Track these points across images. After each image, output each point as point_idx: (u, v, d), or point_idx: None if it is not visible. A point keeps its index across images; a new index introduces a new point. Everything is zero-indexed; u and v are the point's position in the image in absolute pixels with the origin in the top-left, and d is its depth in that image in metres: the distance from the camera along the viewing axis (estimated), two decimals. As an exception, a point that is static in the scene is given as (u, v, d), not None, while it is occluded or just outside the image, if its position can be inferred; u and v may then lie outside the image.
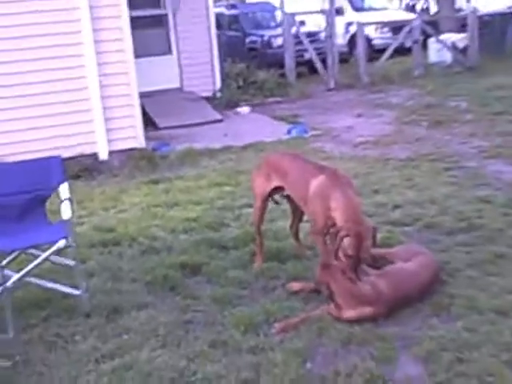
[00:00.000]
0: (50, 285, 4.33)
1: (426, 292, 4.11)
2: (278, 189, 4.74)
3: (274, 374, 3.34)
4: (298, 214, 4.96)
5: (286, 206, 5.22)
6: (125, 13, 8.39)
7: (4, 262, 4.05)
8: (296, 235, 5.03)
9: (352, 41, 16.69)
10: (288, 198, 4.91)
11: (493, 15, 16.64)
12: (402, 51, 15.27)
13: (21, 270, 4.15)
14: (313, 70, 14.92)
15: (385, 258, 4.35)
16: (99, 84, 8.32)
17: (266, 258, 4.83)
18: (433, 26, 15.16)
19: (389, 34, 17.09)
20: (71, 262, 4.34)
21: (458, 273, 4.44)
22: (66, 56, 8.19)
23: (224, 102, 12.19)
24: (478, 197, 6.02)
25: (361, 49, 14.09)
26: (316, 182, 4.25)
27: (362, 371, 3.34)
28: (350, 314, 3.84)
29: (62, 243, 4.10)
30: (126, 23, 8.41)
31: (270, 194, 4.81)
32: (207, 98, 12.17)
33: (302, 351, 3.58)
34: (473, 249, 4.82)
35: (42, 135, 8.06)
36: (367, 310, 3.84)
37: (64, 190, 4.48)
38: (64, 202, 4.36)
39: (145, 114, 9.70)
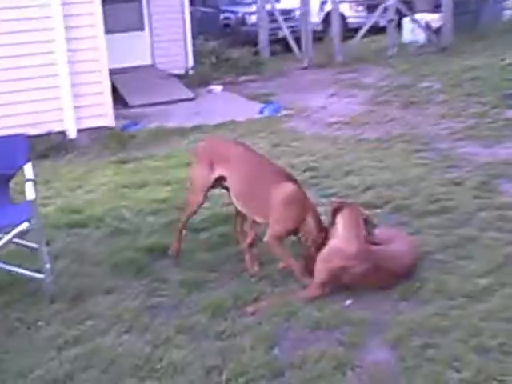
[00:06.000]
0: (13, 268, 4.20)
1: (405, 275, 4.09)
2: (220, 179, 4.41)
3: (241, 361, 3.28)
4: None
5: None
6: (96, -14, 8.17)
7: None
8: (243, 237, 4.57)
9: (326, 19, 16.52)
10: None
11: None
12: (376, 30, 15.19)
13: (-18, 252, 4.03)
14: (287, 49, 14.77)
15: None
16: (68, 60, 8.12)
17: (234, 242, 4.76)
18: (407, 6, 15.06)
19: (363, 13, 16.96)
20: (35, 245, 4.24)
21: (428, 256, 4.41)
22: (34, 30, 7.96)
23: (196, 80, 12.01)
24: (449, 179, 6.00)
25: (335, 27, 13.94)
26: (283, 190, 4.14)
27: (331, 357, 3.31)
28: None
29: (24, 225, 3.98)
30: (96, -3, 8.17)
31: (213, 186, 4.49)
32: (179, 76, 11.98)
33: (269, 336, 3.53)
34: (443, 232, 4.80)
35: (9, 112, 7.84)
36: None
37: (28, 170, 4.35)
38: (28, 182, 4.24)
39: (115, 91, 9.50)
